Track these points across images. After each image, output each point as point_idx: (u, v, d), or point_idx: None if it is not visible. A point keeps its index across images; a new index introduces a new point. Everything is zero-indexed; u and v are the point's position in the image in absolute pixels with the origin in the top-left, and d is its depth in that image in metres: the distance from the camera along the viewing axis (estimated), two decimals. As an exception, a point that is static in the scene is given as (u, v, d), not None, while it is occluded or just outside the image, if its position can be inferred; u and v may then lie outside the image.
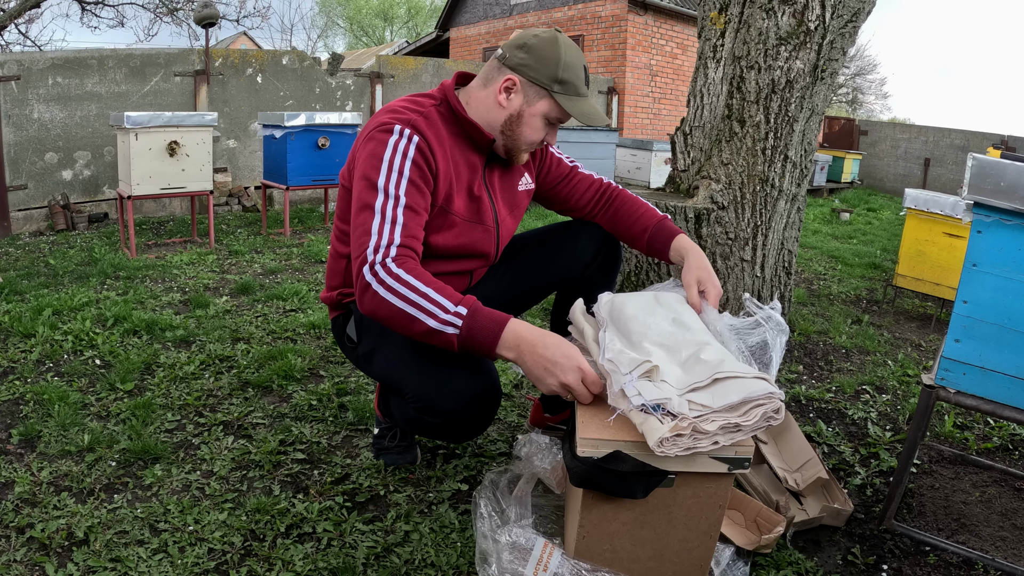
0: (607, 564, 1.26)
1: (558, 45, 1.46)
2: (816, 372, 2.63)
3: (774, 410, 1.16)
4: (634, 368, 1.21)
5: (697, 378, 1.19)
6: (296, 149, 4.83)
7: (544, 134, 1.52)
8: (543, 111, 1.48)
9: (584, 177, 1.77)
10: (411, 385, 1.46)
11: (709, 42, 2.70)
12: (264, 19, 19.69)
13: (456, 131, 1.52)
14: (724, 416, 1.15)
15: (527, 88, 1.47)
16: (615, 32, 10.83)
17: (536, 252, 1.76)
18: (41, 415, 2.00)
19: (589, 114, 1.48)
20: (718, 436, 1.15)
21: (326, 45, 35.53)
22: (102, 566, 1.37)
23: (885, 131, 11.61)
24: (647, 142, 7.66)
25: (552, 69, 1.44)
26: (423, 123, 1.44)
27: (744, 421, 1.15)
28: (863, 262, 4.84)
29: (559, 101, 1.46)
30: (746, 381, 1.18)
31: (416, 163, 1.39)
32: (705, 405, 1.15)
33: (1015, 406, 1.42)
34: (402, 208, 1.35)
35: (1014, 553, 1.55)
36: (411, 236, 1.35)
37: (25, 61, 5.19)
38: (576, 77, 1.47)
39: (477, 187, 1.56)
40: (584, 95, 1.49)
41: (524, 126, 1.49)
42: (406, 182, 1.37)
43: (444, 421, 1.43)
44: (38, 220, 5.29)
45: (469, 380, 1.40)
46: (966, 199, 1.41)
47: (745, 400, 1.15)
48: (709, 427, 1.14)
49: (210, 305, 3.13)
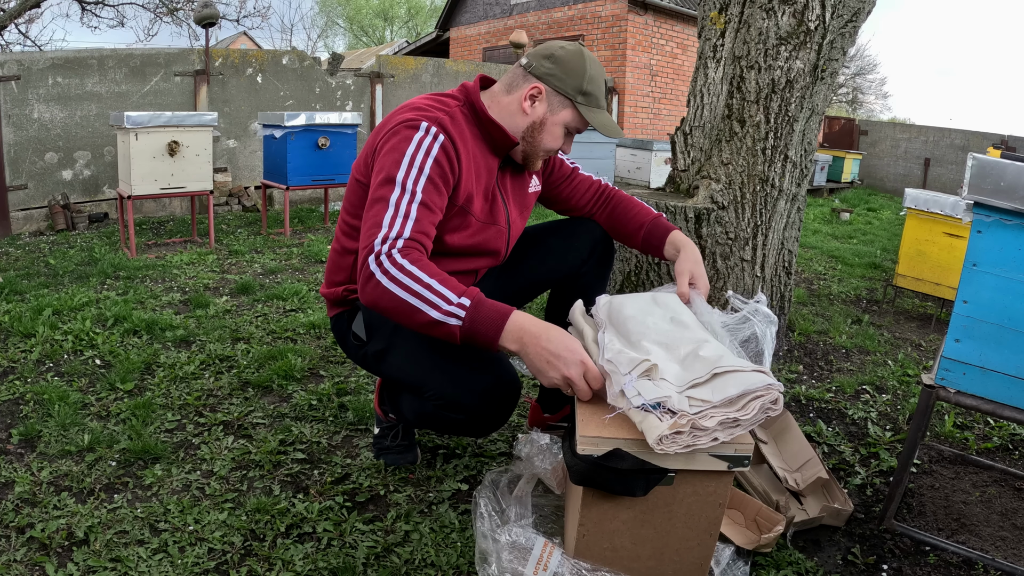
0: (607, 563, 1.26)
1: (584, 58, 1.51)
2: (816, 372, 2.63)
3: (772, 401, 1.16)
4: (633, 368, 1.21)
5: (696, 374, 1.20)
6: (296, 149, 4.83)
7: (562, 143, 1.57)
8: (565, 120, 1.52)
9: (584, 178, 1.81)
10: (431, 383, 1.46)
11: (709, 42, 2.70)
12: (264, 19, 19.73)
13: (478, 133, 1.53)
14: (723, 411, 1.15)
15: (552, 97, 1.51)
16: (615, 32, 10.83)
17: (531, 249, 1.79)
18: (41, 415, 2.00)
19: (608, 126, 1.54)
20: (717, 432, 1.15)
21: (326, 45, 35.56)
22: (102, 566, 1.37)
23: (885, 131, 11.61)
24: (647, 142, 7.66)
25: (578, 81, 1.49)
26: (449, 123, 1.45)
27: (743, 415, 1.15)
28: (863, 262, 4.84)
29: (582, 112, 1.51)
30: (744, 375, 1.18)
31: (439, 161, 1.39)
32: (705, 400, 1.16)
33: (1015, 406, 1.42)
34: (417, 204, 1.34)
35: (1014, 553, 1.55)
36: (422, 232, 1.34)
37: (25, 61, 5.19)
38: (599, 90, 1.52)
39: (494, 190, 1.59)
40: (603, 108, 1.55)
41: (545, 133, 1.53)
42: (425, 179, 1.36)
43: (468, 416, 1.44)
44: (38, 220, 5.29)
45: (489, 375, 1.42)
46: (966, 199, 1.42)
47: (744, 393, 1.16)
48: (708, 423, 1.14)
49: (210, 305, 3.13)
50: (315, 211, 6.24)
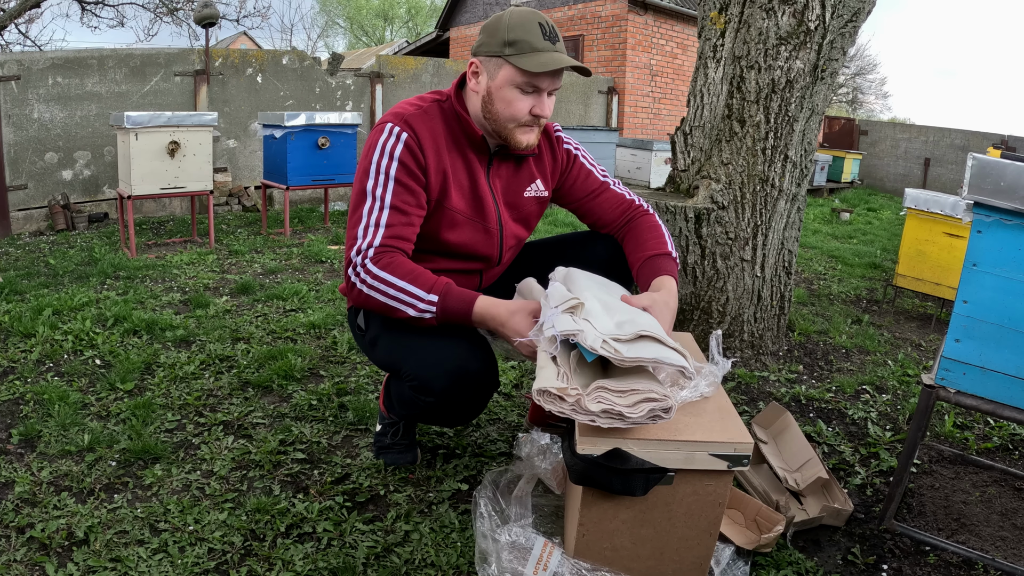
0: (607, 563, 1.26)
1: (504, 12, 1.46)
2: (816, 372, 2.63)
3: (663, 409, 1.14)
4: (561, 303, 1.23)
5: (623, 332, 1.18)
6: (296, 149, 4.83)
7: (525, 104, 1.46)
8: (507, 80, 1.44)
9: (614, 196, 1.69)
10: (408, 364, 1.47)
11: (709, 42, 2.70)
12: (264, 19, 19.73)
13: (457, 128, 1.54)
14: (610, 400, 1.14)
15: (487, 64, 1.47)
16: (615, 32, 10.83)
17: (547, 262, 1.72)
18: (41, 415, 2.00)
19: (547, 63, 1.41)
20: (598, 419, 1.14)
21: (326, 45, 35.55)
22: (102, 566, 1.37)
23: (885, 131, 11.61)
24: (647, 142, 7.66)
25: (500, 35, 1.43)
26: (416, 119, 1.48)
27: (629, 412, 1.13)
28: (863, 262, 4.84)
29: (513, 62, 1.42)
30: (664, 348, 1.17)
31: (403, 161, 1.44)
32: (617, 351, 1.14)
33: (1015, 406, 1.41)
34: (387, 211, 1.43)
35: (1014, 553, 1.55)
36: (394, 236, 1.43)
37: (25, 61, 5.19)
38: (527, 33, 1.42)
39: (480, 187, 1.57)
40: (541, 48, 1.43)
41: (497, 103, 1.47)
42: (393, 183, 1.44)
43: (437, 400, 1.44)
44: (38, 220, 5.29)
45: (464, 360, 1.42)
46: (966, 199, 1.41)
47: (656, 360, 1.13)
48: (593, 407, 1.13)
49: (210, 305, 3.13)
50: (315, 211, 6.24)
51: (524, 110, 1.47)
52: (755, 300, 2.65)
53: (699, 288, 2.61)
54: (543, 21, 1.44)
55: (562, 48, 1.46)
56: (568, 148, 1.70)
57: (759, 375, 2.53)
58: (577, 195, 1.70)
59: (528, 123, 1.50)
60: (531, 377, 2.40)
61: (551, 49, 1.43)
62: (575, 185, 1.70)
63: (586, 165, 1.71)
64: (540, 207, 1.70)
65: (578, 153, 1.72)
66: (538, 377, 1.18)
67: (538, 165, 1.66)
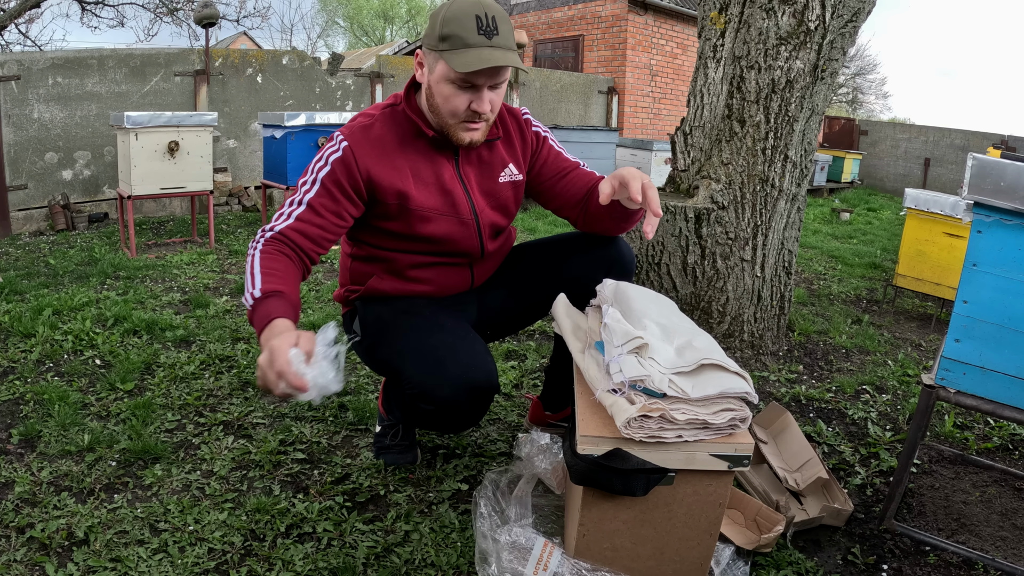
0: (607, 563, 1.26)
1: (447, 2, 1.39)
2: (816, 372, 2.63)
3: (741, 419, 1.17)
4: (625, 342, 1.22)
5: (685, 362, 1.20)
6: (296, 149, 4.82)
7: (462, 101, 1.40)
8: (442, 76, 1.39)
9: (584, 174, 1.65)
10: (408, 372, 1.46)
11: (709, 42, 2.70)
12: (264, 19, 19.74)
13: (409, 130, 1.53)
14: (694, 410, 1.15)
15: (428, 58, 1.44)
16: (615, 32, 10.83)
17: (541, 268, 1.71)
18: (41, 415, 2.00)
19: (472, 63, 1.32)
20: (684, 430, 1.15)
21: (326, 45, 35.52)
22: (102, 566, 1.37)
23: (885, 131, 11.61)
24: (647, 142, 7.66)
25: (436, 28, 1.37)
26: (360, 131, 1.50)
27: (712, 420, 1.15)
28: (863, 262, 4.84)
29: (446, 59, 1.36)
30: (727, 375, 1.19)
31: (333, 169, 1.46)
32: (684, 391, 1.16)
33: (1015, 406, 1.41)
34: (302, 207, 1.45)
35: (1014, 553, 1.55)
36: (295, 230, 1.43)
37: (25, 61, 5.19)
38: (460, 27, 1.34)
39: (449, 180, 1.54)
40: (473, 44, 1.34)
41: (436, 96, 1.43)
42: (318, 185, 1.46)
43: (437, 408, 1.43)
44: (38, 220, 5.29)
45: (465, 370, 1.41)
46: (966, 199, 1.41)
47: (722, 394, 1.16)
48: (679, 417, 1.14)
49: (210, 305, 3.13)
50: (315, 211, 6.24)
51: (461, 107, 1.42)
52: (755, 300, 2.65)
53: (699, 288, 2.61)
54: (482, 13, 1.35)
55: (502, 42, 1.37)
56: (537, 131, 1.68)
57: (759, 375, 2.53)
58: (547, 175, 1.66)
59: (468, 119, 1.44)
60: (531, 377, 2.40)
61: (485, 45, 1.35)
62: (546, 165, 1.66)
63: (555, 147, 1.70)
64: (516, 192, 1.65)
65: (547, 135, 1.70)
66: (615, 415, 1.17)
67: (508, 149, 1.63)
